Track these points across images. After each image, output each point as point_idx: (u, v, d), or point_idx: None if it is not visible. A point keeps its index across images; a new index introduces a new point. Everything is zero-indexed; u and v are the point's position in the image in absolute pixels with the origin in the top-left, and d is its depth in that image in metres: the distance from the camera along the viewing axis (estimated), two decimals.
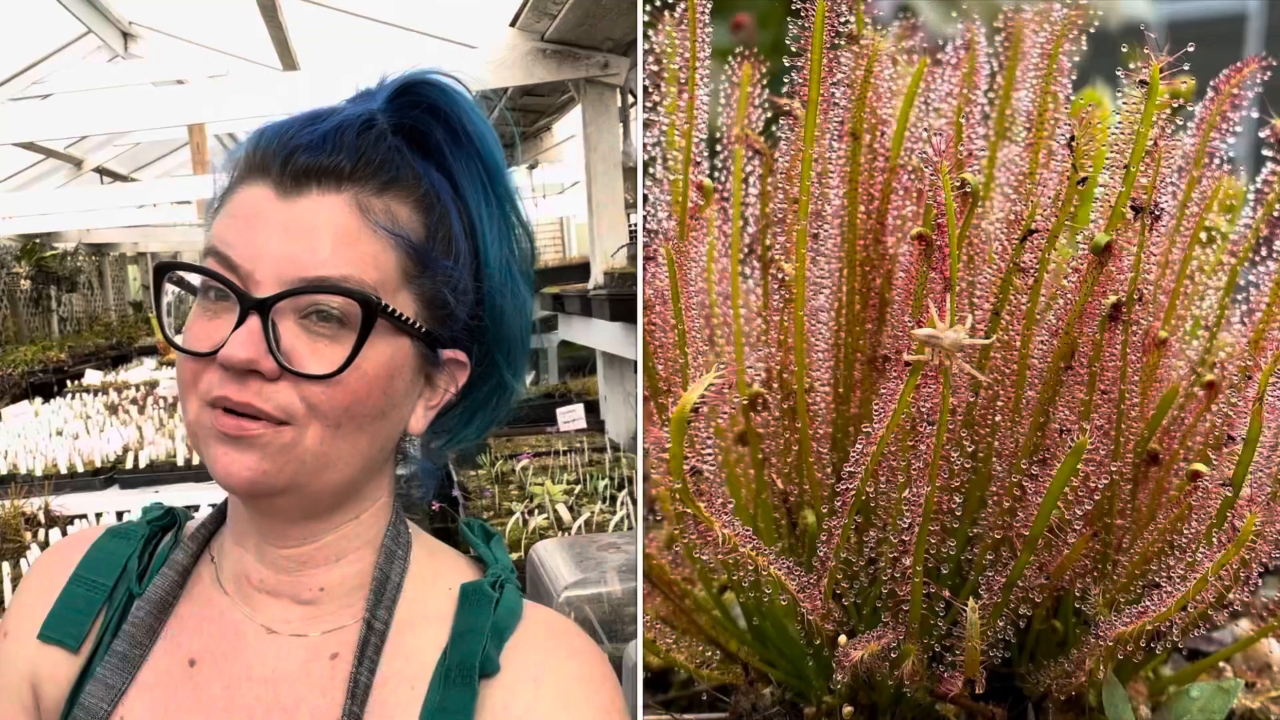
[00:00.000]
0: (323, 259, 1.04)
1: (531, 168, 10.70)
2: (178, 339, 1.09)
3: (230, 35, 9.16)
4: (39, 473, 6.54)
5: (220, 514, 1.24)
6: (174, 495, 5.67)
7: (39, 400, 9.61)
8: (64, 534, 5.20)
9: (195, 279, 1.09)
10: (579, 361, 9.11)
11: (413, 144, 1.12)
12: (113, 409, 8.71)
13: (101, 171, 14.11)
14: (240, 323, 1.03)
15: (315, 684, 1.14)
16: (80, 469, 6.63)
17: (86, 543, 1.26)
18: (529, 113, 8.72)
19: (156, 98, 7.53)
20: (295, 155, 1.07)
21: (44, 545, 5.13)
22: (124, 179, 14.71)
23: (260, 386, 1.04)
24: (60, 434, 7.70)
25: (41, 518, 5.61)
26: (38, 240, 16.34)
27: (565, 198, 13.23)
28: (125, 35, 10.09)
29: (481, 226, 1.15)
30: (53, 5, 8.18)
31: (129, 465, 6.67)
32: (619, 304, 5.08)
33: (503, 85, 5.86)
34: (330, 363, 1.04)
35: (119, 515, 5.29)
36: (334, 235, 1.05)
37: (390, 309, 1.07)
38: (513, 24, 5.54)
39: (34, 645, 1.21)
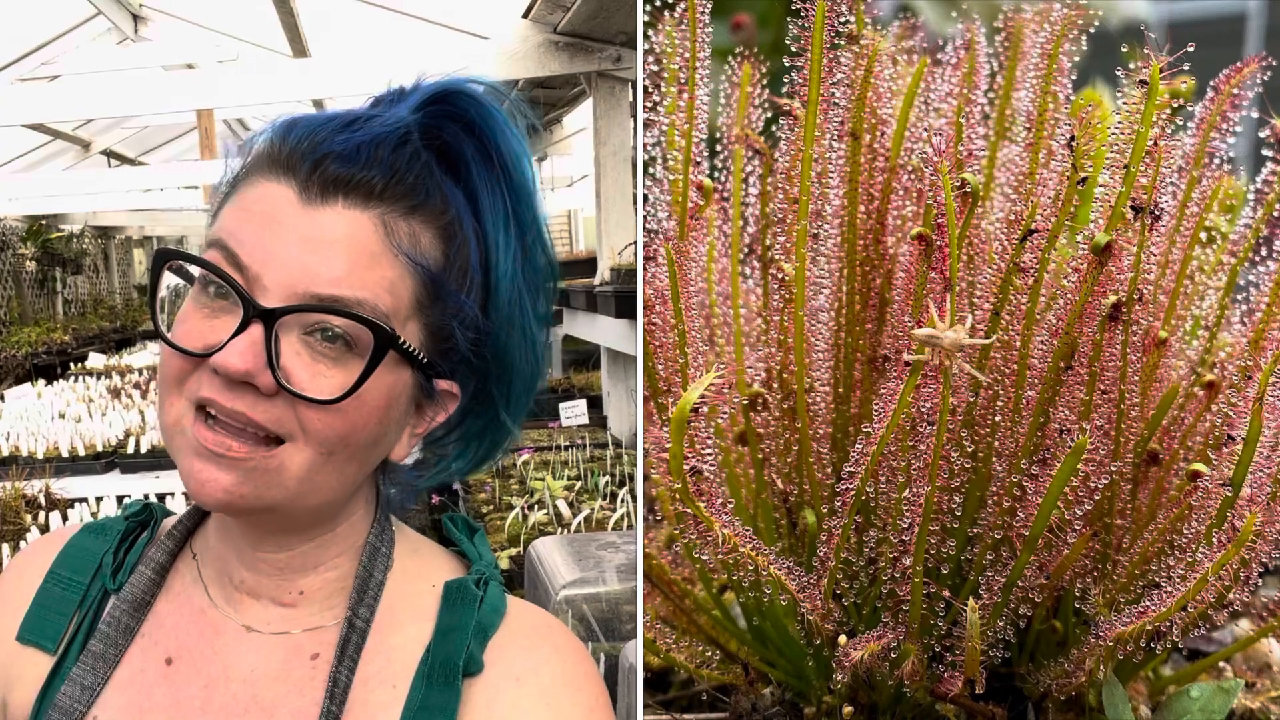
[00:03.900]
0: (338, 277, 1.00)
1: (541, 160, 10.68)
2: (169, 334, 1.03)
3: (241, 20, 9.17)
4: (40, 455, 6.56)
5: (200, 510, 1.22)
6: (174, 481, 5.69)
7: (42, 382, 9.63)
8: (64, 517, 5.23)
9: (197, 269, 1.03)
10: (583, 356, 9.10)
11: (441, 160, 1.08)
12: (115, 393, 8.74)
13: (109, 154, 14.12)
14: (241, 329, 0.98)
15: (294, 684, 1.13)
16: (81, 452, 6.67)
17: (62, 540, 1.25)
18: (540, 105, 8.71)
19: (166, 81, 7.53)
20: (325, 162, 1.02)
21: (44, 528, 5.15)
22: (131, 162, 14.72)
23: (254, 400, 1.00)
24: (63, 416, 7.74)
25: (42, 500, 5.63)
26: (44, 222, 16.35)
27: (574, 190, 13.23)
28: (135, 18, 10.10)
29: (497, 256, 1.10)
30: None
31: (130, 450, 6.70)
32: (624, 300, 5.07)
33: (514, 77, 5.83)
34: (332, 388, 1.01)
35: (119, 500, 5.30)
36: (354, 254, 1.01)
37: (402, 341, 1.03)
38: (525, 15, 5.52)
39: (9, 648, 1.20)
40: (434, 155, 1.08)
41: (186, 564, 1.21)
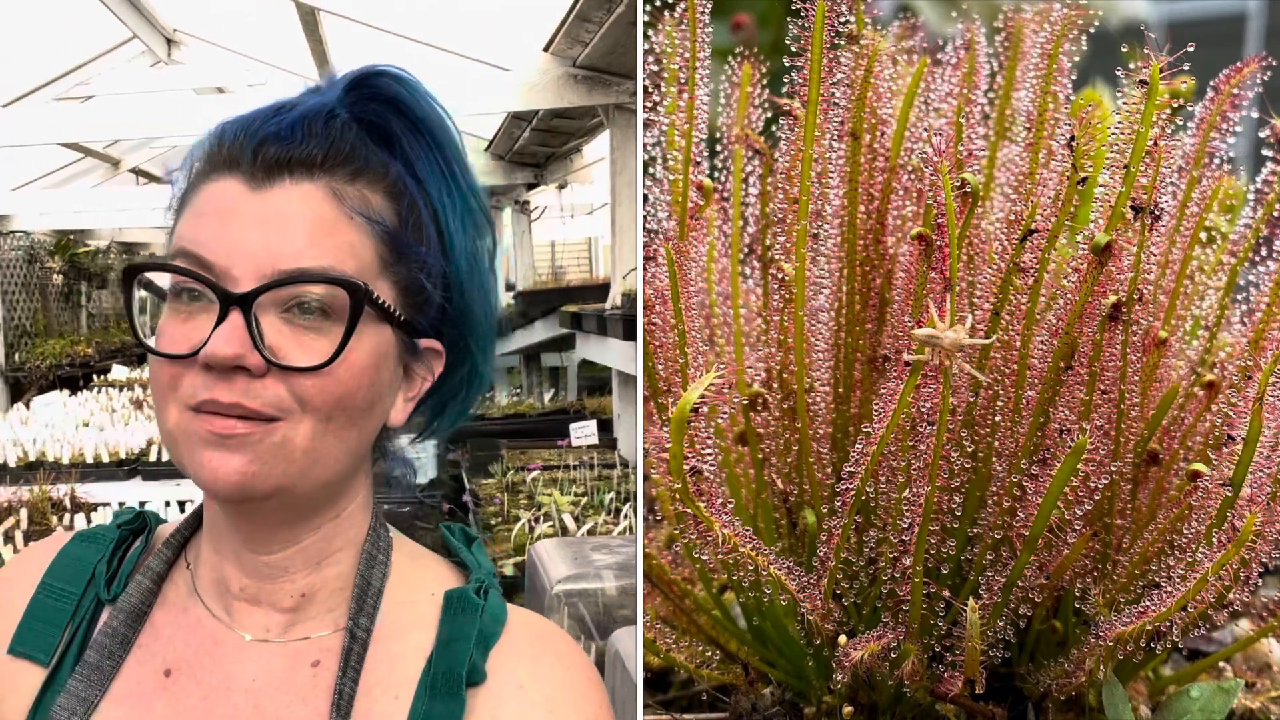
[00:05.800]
0: (300, 249, 1.02)
1: (561, 187, 10.72)
2: (151, 342, 1.05)
3: (271, 46, 9.19)
4: (66, 460, 6.65)
5: (195, 519, 1.21)
6: (194, 489, 5.71)
7: (66, 392, 9.69)
8: (89, 520, 5.31)
9: (165, 281, 1.06)
10: (598, 382, 9.30)
11: (373, 136, 1.11)
12: (137, 404, 8.79)
13: (137, 172, 14.16)
14: (221, 320, 1.00)
15: (297, 694, 1.12)
16: (105, 459, 6.77)
17: (54, 549, 1.23)
18: (559, 134, 8.71)
19: (196, 104, 7.57)
20: (265, 146, 1.05)
21: (69, 529, 5.18)
22: (159, 180, 14.75)
23: (247, 384, 1.01)
24: (87, 425, 7.78)
25: (68, 503, 5.73)
26: (71, 237, 16.40)
27: (594, 218, 13.20)
28: (169, 42, 10.14)
29: (445, 214, 1.13)
30: (100, 10, 8.21)
31: (152, 458, 6.79)
32: (633, 324, 5.13)
33: (534, 107, 5.91)
34: (318, 354, 1.02)
35: (141, 505, 5.36)
36: (311, 225, 1.03)
37: (376, 296, 1.05)
38: (546, 49, 5.58)
39: (0, 659, 1.18)
40: (364, 131, 1.10)
41: (181, 573, 1.20)
